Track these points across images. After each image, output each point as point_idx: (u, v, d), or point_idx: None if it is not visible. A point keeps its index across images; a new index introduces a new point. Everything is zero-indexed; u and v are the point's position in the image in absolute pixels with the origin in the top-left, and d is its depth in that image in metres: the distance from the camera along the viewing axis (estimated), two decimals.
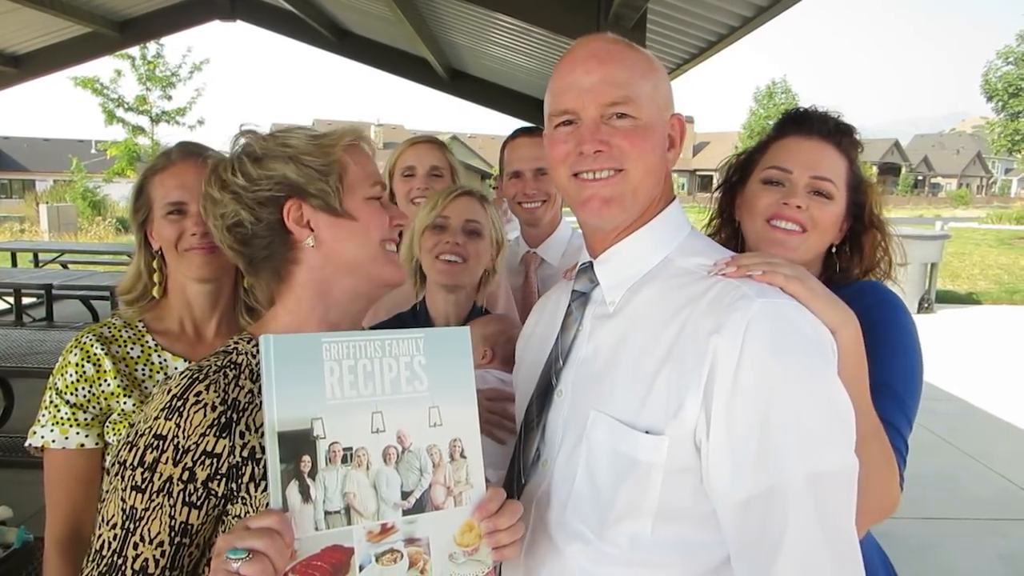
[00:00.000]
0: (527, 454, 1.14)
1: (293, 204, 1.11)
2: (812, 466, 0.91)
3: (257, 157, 1.12)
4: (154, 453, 0.99)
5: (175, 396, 1.01)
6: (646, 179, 1.09)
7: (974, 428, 5.98)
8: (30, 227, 23.54)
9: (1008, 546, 4.05)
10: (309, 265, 1.13)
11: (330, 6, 7.59)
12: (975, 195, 61.45)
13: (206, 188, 1.16)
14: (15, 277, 7.91)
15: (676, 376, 0.97)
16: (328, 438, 0.89)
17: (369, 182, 1.16)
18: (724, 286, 1.00)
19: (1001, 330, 10.01)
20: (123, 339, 1.61)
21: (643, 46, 1.21)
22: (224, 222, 1.13)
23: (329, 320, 1.14)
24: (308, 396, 0.88)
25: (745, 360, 0.92)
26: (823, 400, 0.94)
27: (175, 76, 19.72)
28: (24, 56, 8.21)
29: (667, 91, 1.12)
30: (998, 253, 16.08)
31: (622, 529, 0.99)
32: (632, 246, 1.12)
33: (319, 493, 0.88)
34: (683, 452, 0.96)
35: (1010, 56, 37.28)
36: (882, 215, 1.54)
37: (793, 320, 0.97)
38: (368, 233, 1.14)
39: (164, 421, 1.00)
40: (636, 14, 3.89)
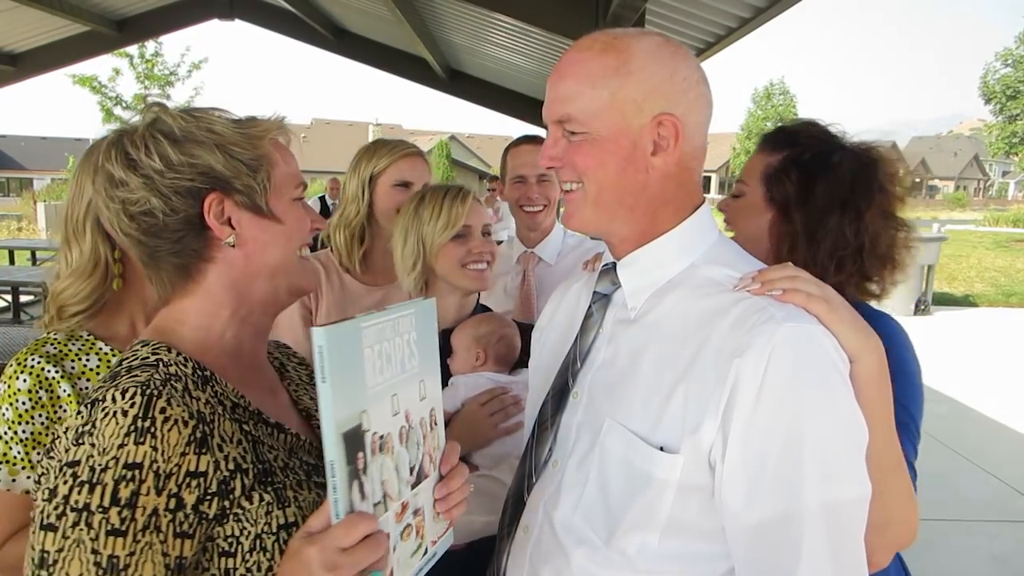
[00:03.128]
0: (539, 454, 1.13)
1: (215, 198, 0.99)
2: (829, 495, 0.90)
3: (176, 139, 0.98)
4: (131, 485, 0.83)
5: (137, 417, 0.86)
6: (604, 193, 1.04)
7: (969, 429, 5.99)
8: (27, 225, 23.49)
9: (1001, 547, 4.06)
10: (226, 265, 1.03)
11: (328, 5, 7.60)
12: (972, 197, 61.56)
13: (102, 162, 1.00)
14: (13, 275, 7.91)
15: (695, 394, 0.95)
16: (371, 429, 0.86)
17: (294, 182, 1.07)
18: (750, 305, 0.97)
19: (997, 332, 10.03)
20: (74, 352, 1.43)
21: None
22: (127, 208, 0.99)
23: (248, 323, 1.07)
24: (355, 388, 0.83)
25: (767, 386, 0.90)
26: (843, 429, 0.93)
27: (173, 75, 19.71)
28: (22, 54, 8.22)
29: (640, 93, 1.01)
30: (995, 255, 16.12)
31: (631, 539, 0.99)
32: (656, 251, 1.08)
33: (369, 487, 0.85)
34: (697, 471, 0.95)
35: (1008, 58, 37.35)
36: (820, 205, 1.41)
37: (818, 346, 0.94)
38: (291, 238, 1.06)
39: (135, 447, 0.84)
40: (634, 15, 3.90)
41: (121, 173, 0.98)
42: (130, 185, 0.97)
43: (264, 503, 0.94)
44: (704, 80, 1.07)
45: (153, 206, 0.98)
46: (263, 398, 1.08)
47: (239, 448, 0.95)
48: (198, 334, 1.03)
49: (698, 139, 1.07)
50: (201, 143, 0.99)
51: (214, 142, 0.99)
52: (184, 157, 0.98)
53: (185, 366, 0.98)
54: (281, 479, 0.98)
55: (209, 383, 0.99)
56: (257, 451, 0.98)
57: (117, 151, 0.99)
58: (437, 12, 6.38)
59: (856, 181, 1.42)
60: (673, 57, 1.04)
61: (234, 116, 1.04)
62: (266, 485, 0.95)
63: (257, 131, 1.02)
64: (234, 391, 1.01)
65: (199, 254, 1.02)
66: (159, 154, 0.97)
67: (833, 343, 0.96)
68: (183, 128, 0.99)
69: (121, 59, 18.72)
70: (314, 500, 1.00)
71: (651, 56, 1.03)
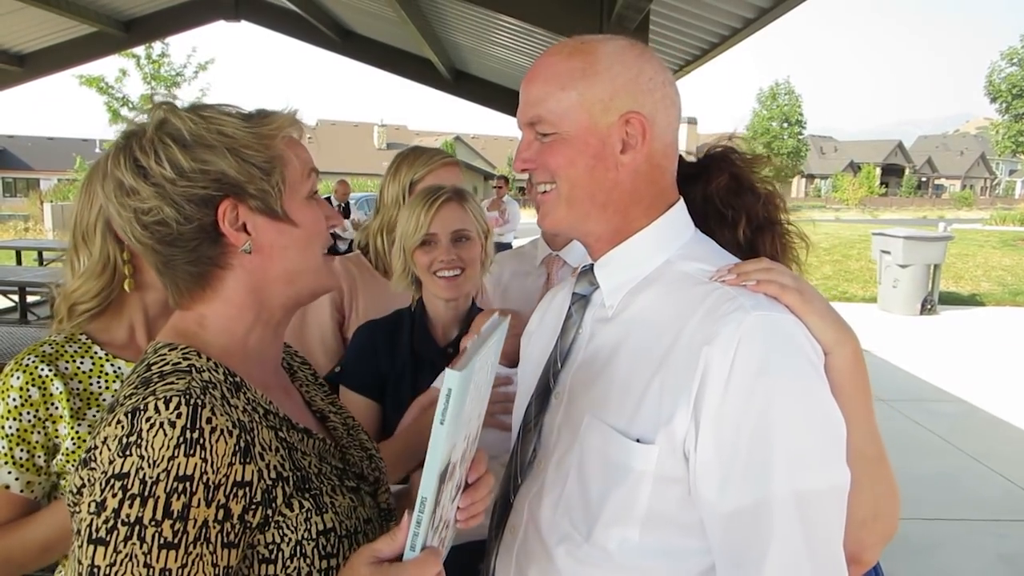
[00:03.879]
0: (524, 454, 1.14)
1: (229, 205, 0.96)
2: (800, 483, 0.90)
3: (186, 143, 0.94)
4: (182, 498, 0.82)
5: (185, 428, 0.84)
6: (576, 191, 1.06)
7: (976, 429, 5.98)
8: (34, 225, 23.59)
9: (1009, 547, 4.05)
10: (244, 271, 0.99)
11: (334, 7, 7.62)
12: (979, 196, 61.27)
13: (111, 169, 0.96)
14: (20, 275, 7.96)
15: (669, 385, 0.96)
16: (453, 460, 0.84)
17: (306, 175, 1.04)
18: (720, 295, 0.98)
19: (1004, 331, 10.00)
20: (69, 354, 1.47)
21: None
22: (140, 217, 0.95)
23: (271, 326, 1.05)
24: (459, 425, 0.80)
25: (736, 373, 0.91)
26: (815, 417, 0.93)
27: (180, 76, 19.76)
28: (30, 55, 8.25)
29: (606, 93, 1.04)
30: (1001, 255, 16.05)
31: (610, 534, 0.99)
32: (631, 249, 1.10)
33: (438, 517, 0.85)
34: (672, 462, 0.95)
35: (1014, 57, 37.21)
36: (773, 211, 1.38)
37: (788, 334, 0.95)
38: (310, 241, 1.03)
39: (185, 459, 0.83)
40: (639, 15, 3.90)
41: (132, 181, 0.94)
42: (141, 194, 0.94)
43: (304, 510, 0.93)
44: (670, 83, 1.09)
45: (166, 215, 0.94)
46: (283, 401, 1.07)
47: (278, 456, 0.94)
48: (222, 339, 1.01)
49: (667, 137, 1.09)
50: (212, 147, 0.95)
51: (226, 146, 0.95)
52: (196, 164, 0.94)
53: (216, 372, 0.95)
54: (317, 485, 0.98)
55: (241, 389, 0.97)
56: (293, 458, 0.97)
57: (126, 157, 0.95)
58: (442, 13, 6.39)
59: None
60: (638, 59, 1.07)
61: (244, 112, 1.00)
62: (304, 492, 0.95)
63: (269, 130, 0.98)
64: (263, 397, 1.00)
65: (215, 261, 0.98)
66: (170, 161, 0.93)
67: (803, 331, 0.97)
68: (193, 131, 0.94)
69: (128, 60, 18.79)
70: (348, 504, 1.00)
71: (616, 57, 1.06)
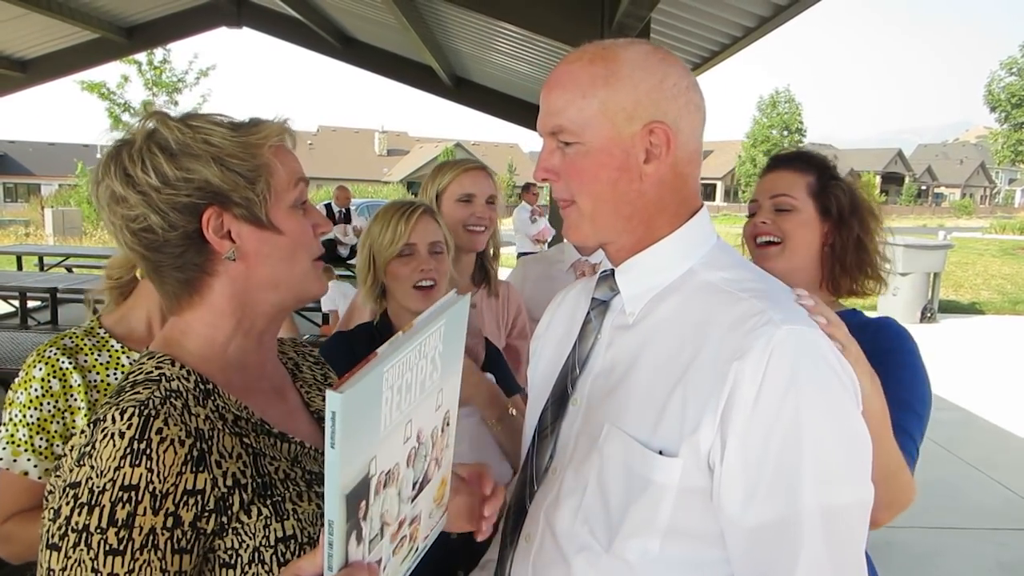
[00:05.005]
0: (540, 461, 1.13)
1: (213, 212, 0.97)
2: (827, 498, 0.90)
3: (172, 152, 0.96)
4: (127, 507, 0.85)
5: (134, 439, 0.87)
6: (599, 205, 1.05)
7: (976, 438, 5.97)
8: (35, 231, 23.62)
9: (1009, 556, 4.04)
10: (229, 278, 1.01)
11: (335, 13, 7.64)
12: (978, 205, 61.34)
13: (102, 175, 0.98)
14: (20, 280, 7.96)
15: (693, 397, 0.95)
16: (377, 471, 0.81)
17: (293, 184, 1.04)
18: (747, 308, 0.96)
19: (1004, 340, 10.00)
20: (88, 347, 1.55)
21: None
22: (129, 225, 0.97)
23: (253, 334, 1.06)
24: (367, 440, 0.77)
25: (766, 388, 0.90)
26: (843, 433, 0.92)
27: (181, 82, 19.83)
28: (32, 61, 8.28)
29: (629, 101, 1.02)
30: (1001, 263, 16.07)
31: (631, 545, 0.98)
32: (655, 256, 1.07)
33: (368, 529, 0.82)
34: (697, 473, 0.94)
35: (1013, 67, 37.32)
36: (864, 212, 1.71)
37: (818, 349, 0.94)
38: (295, 249, 1.04)
39: (131, 469, 0.85)
40: (640, 24, 3.92)
41: (121, 189, 0.96)
42: (129, 201, 0.96)
43: (262, 517, 0.94)
44: (694, 87, 1.06)
45: (152, 223, 0.96)
46: (270, 405, 1.07)
47: (238, 463, 0.95)
48: (201, 346, 1.02)
49: (692, 144, 1.06)
50: (197, 156, 0.97)
51: (211, 155, 0.97)
52: (180, 172, 0.96)
53: (187, 380, 0.97)
54: (281, 491, 0.98)
55: (211, 397, 0.98)
56: (258, 464, 0.97)
57: (116, 166, 0.97)
58: (443, 20, 6.41)
59: (868, 201, 1.74)
60: (661, 64, 1.04)
61: (235, 121, 1.02)
62: (265, 499, 0.95)
63: (256, 139, 1.00)
64: (236, 403, 1.01)
65: (201, 268, 1.00)
66: (155, 169, 0.95)
67: (832, 347, 0.96)
68: (179, 140, 0.96)
69: (129, 66, 18.86)
70: (313, 511, 1.00)
71: (639, 64, 1.03)
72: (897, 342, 1.61)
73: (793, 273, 1.69)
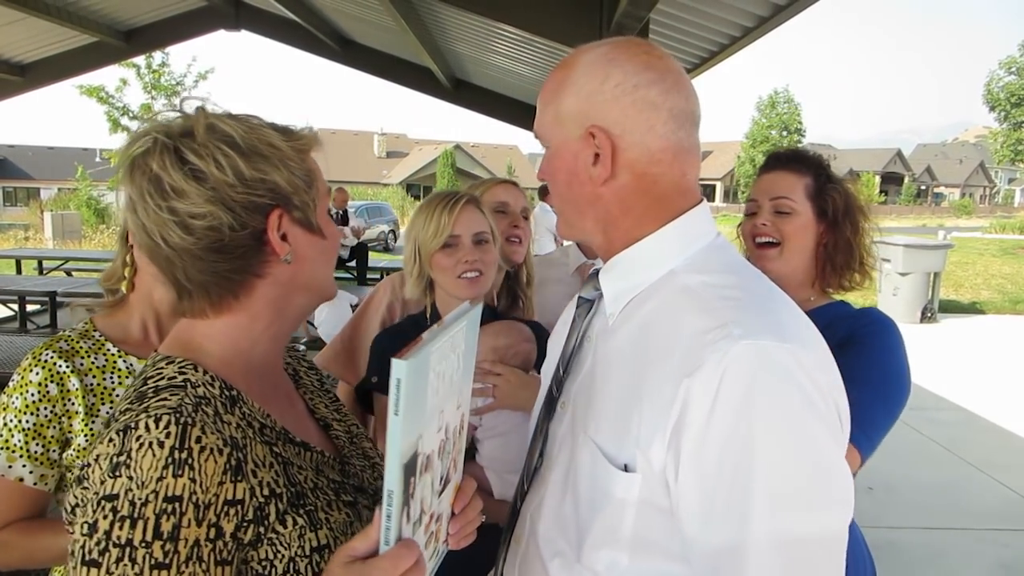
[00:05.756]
0: (530, 462, 1.12)
1: (277, 214, 0.98)
2: (782, 526, 0.84)
3: (243, 151, 0.95)
4: (172, 519, 0.83)
5: (174, 448, 0.84)
6: (564, 206, 1.09)
7: (977, 438, 5.96)
8: (35, 235, 23.62)
9: (1011, 556, 4.03)
10: (274, 280, 1.00)
11: (334, 16, 7.64)
12: (978, 205, 61.33)
13: (154, 168, 0.93)
14: (20, 284, 7.96)
15: (648, 412, 0.91)
16: (423, 451, 0.83)
17: (327, 190, 1.08)
18: (713, 318, 0.90)
19: (1004, 340, 9.99)
20: (84, 350, 1.53)
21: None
22: (187, 219, 0.93)
23: (279, 338, 1.07)
24: (419, 415, 0.81)
25: (719, 408, 0.85)
26: (804, 457, 0.86)
27: (180, 85, 19.81)
28: (30, 65, 8.28)
29: (573, 107, 1.03)
30: (1001, 263, 16.06)
31: (599, 556, 0.96)
32: (634, 256, 1.05)
33: (414, 510, 0.84)
34: (657, 490, 0.91)
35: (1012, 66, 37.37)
36: (857, 214, 1.76)
37: (780, 364, 0.86)
38: (332, 253, 1.07)
39: (173, 479, 0.83)
40: (638, 24, 3.91)
41: (179, 182, 0.92)
42: (190, 196, 0.92)
43: (297, 527, 0.92)
44: (651, 82, 1.01)
45: (222, 221, 0.93)
46: (284, 412, 1.06)
47: (271, 472, 0.93)
48: (225, 351, 1.00)
49: (653, 143, 1.01)
50: (266, 157, 0.97)
51: (277, 157, 0.97)
52: (255, 172, 0.95)
53: (212, 386, 0.95)
54: (312, 501, 0.97)
55: (236, 404, 0.96)
56: (288, 473, 0.96)
57: (172, 156, 0.93)
58: (442, 22, 6.41)
59: (859, 200, 1.79)
60: (607, 65, 1.01)
61: (277, 126, 1.02)
62: (298, 508, 0.94)
63: (302, 144, 1.01)
64: (260, 411, 0.99)
65: (253, 270, 0.99)
66: (231, 166, 0.93)
67: (799, 360, 0.87)
68: (246, 139, 0.95)
69: (128, 69, 18.83)
70: (344, 520, 0.99)
71: (585, 68, 1.02)
72: (872, 327, 1.69)
73: (790, 273, 1.74)
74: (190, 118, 0.96)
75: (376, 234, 21.94)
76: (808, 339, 0.92)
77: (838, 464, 0.88)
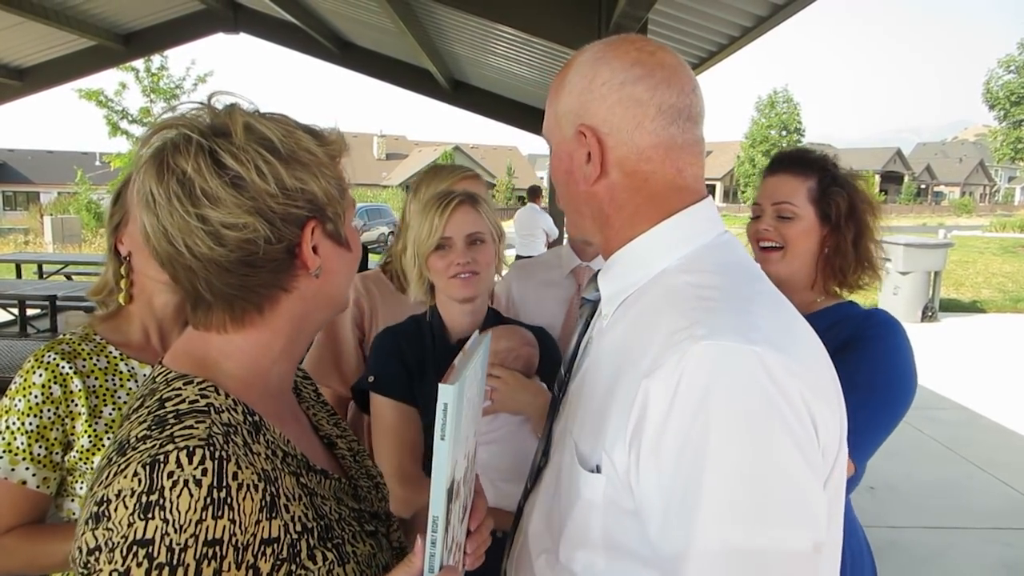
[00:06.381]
0: (535, 461, 1.14)
1: (314, 226, 0.91)
2: (730, 539, 0.79)
3: (283, 158, 0.87)
4: (212, 564, 0.77)
5: (212, 487, 0.78)
6: (567, 205, 1.11)
7: (978, 437, 5.95)
8: (34, 239, 23.64)
9: (1013, 555, 4.02)
10: (300, 295, 0.93)
11: (333, 18, 7.64)
12: (978, 203, 61.30)
13: (189, 173, 0.84)
14: (19, 288, 7.94)
15: (615, 413, 0.90)
16: (457, 478, 0.82)
17: (352, 203, 0.99)
18: (683, 318, 0.87)
19: (1005, 338, 9.98)
20: (85, 352, 1.52)
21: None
22: (220, 229, 0.85)
23: (295, 356, 1.01)
24: (456, 440, 0.79)
25: (676, 408, 0.82)
26: (760, 465, 0.80)
27: (179, 88, 19.81)
28: (29, 69, 8.29)
29: (565, 107, 1.03)
30: (1002, 261, 16.05)
31: (575, 556, 0.95)
32: (627, 255, 1.04)
33: (450, 535, 0.83)
34: (622, 492, 0.89)
35: (1011, 64, 37.37)
36: (864, 214, 1.75)
37: (741, 367, 0.81)
38: (355, 265, 1.01)
39: (213, 521, 0.78)
40: (637, 24, 3.91)
41: (214, 187, 0.84)
42: (226, 204, 0.84)
43: (327, 562, 0.87)
44: (639, 78, 0.99)
45: (260, 232, 0.86)
46: (298, 435, 1.00)
47: (301, 505, 0.88)
48: (244, 370, 0.93)
49: (643, 140, 0.99)
50: (305, 165, 0.89)
51: (315, 164, 0.91)
52: (296, 182, 0.88)
53: (235, 411, 0.88)
54: (339, 533, 0.92)
55: (261, 431, 0.90)
56: (315, 505, 0.91)
57: (208, 159, 0.84)
58: (440, 24, 6.41)
59: (867, 201, 1.77)
60: (594, 64, 1.01)
61: (310, 129, 0.94)
62: (327, 542, 0.89)
63: (333, 151, 0.94)
64: (282, 437, 0.94)
65: (280, 284, 0.92)
66: (273, 175, 0.86)
67: (765, 363, 0.82)
68: (285, 144, 0.88)
69: (127, 73, 18.84)
70: (368, 552, 0.95)
71: (578, 68, 1.03)
72: (877, 329, 1.67)
73: (793, 276, 1.75)
74: (222, 115, 0.88)
75: (376, 236, 21.96)
76: (785, 344, 0.86)
77: (799, 476, 0.81)
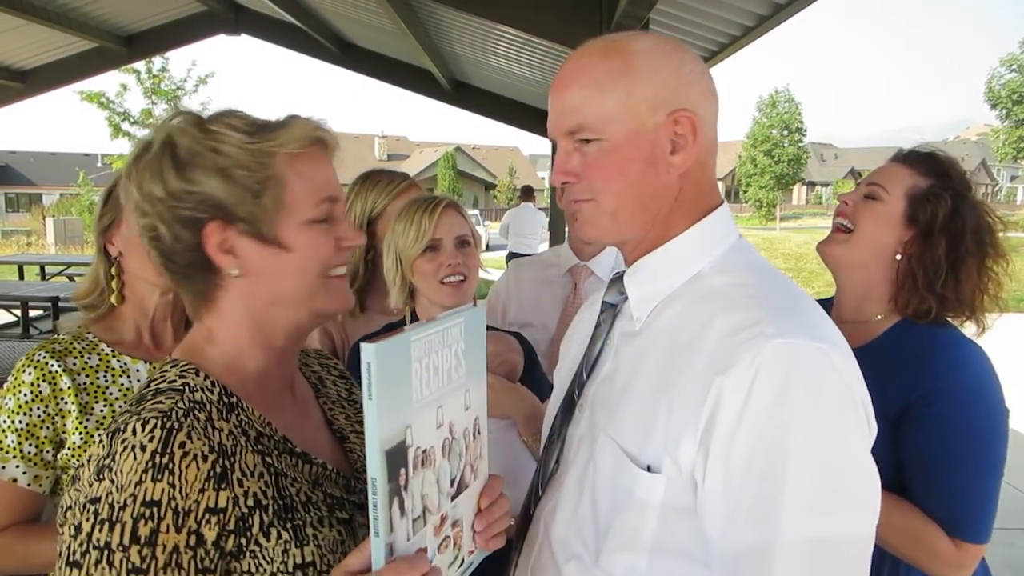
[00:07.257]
0: (547, 466, 1.11)
1: (215, 227, 0.93)
2: (812, 528, 0.83)
3: (181, 162, 0.93)
4: (150, 523, 0.82)
5: (156, 452, 0.84)
6: (624, 202, 1.01)
7: None
8: (37, 240, 23.70)
9: (1017, 556, 4.02)
10: (237, 292, 0.97)
11: (334, 19, 7.64)
12: None
13: (124, 179, 0.99)
14: (22, 290, 7.94)
15: (677, 411, 0.90)
16: (414, 444, 0.84)
17: (315, 199, 0.97)
18: (744, 317, 0.90)
19: (1009, 338, 9.96)
20: (77, 350, 1.54)
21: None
22: (145, 232, 0.97)
23: (273, 349, 1.02)
24: (401, 404, 0.82)
25: (751, 407, 0.84)
26: (837, 457, 0.85)
27: (180, 90, 19.83)
28: (31, 71, 8.28)
29: (653, 91, 0.98)
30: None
31: (617, 559, 0.95)
32: (662, 258, 1.03)
33: (410, 503, 0.84)
34: (681, 492, 0.90)
35: (1014, 63, 37.34)
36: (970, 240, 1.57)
37: (814, 364, 0.86)
38: (306, 265, 0.97)
39: (152, 483, 0.83)
40: (638, 24, 3.90)
41: (135, 193, 0.96)
42: (141, 207, 0.96)
43: (281, 541, 0.90)
44: (708, 74, 1.04)
45: (160, 232, 0.95)
46: (292, 423, 1.04)
47: (260, 482, 0.92)
48: (224, 356, 0.99)
49: (712, 132, 1.03)
50: (204, 168, 0.93)
51: (217, 166, 0.92)
52: (183, 184, 0.93)
53: (211, 392, 0.94)
54: (302, 515, 0.94)
55: (234, 411, 0.95)
56: (279, 485, 0.94)
57: (134, 171, 0.97)
58: (442, 25, 6.41)
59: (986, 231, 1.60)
60: (676, 51, 1.02)
61: (260, 123, 0.96)
62: (285, 522, 0.92)
63: (270, 146, 0.94)
64: (260, 418, 0.97)
65: (209, 281, 0.98)
66: (162, 180, 0.93)
67: (832, 360, 0.87)
68: (190, 149, 0.93)
69: (128, 75, 18.86)
70: (335, 538, 0.96)
71: (654, 53, 1.00)
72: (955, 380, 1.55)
73: (853, 270, 1.59)
74: (157, 128, 0.97)
75: None
76: (838, 340, 0.92)
77: (868, 466, 0.87)
